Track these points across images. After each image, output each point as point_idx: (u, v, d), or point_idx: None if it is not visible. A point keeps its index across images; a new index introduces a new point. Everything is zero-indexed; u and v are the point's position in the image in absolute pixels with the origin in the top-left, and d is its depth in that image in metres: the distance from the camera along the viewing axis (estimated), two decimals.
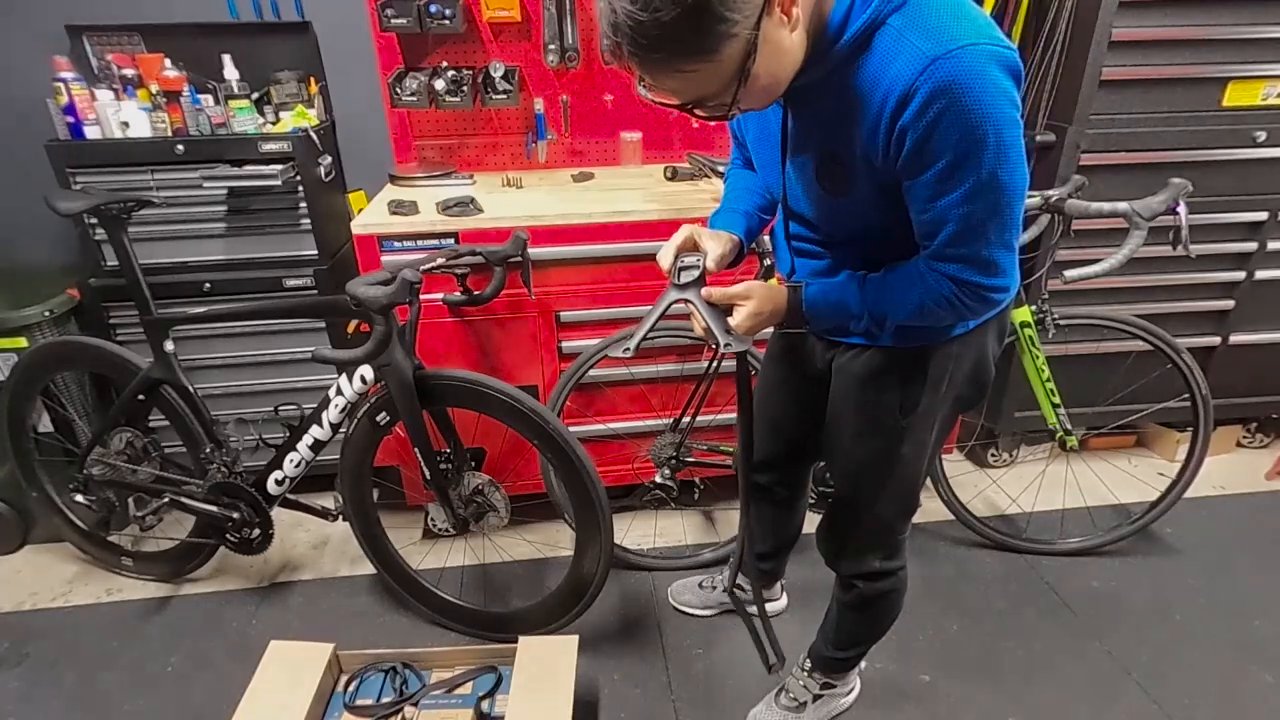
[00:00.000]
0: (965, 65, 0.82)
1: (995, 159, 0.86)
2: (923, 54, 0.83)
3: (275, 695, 1.48)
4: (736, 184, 1.32)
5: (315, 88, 2.17)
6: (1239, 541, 2.18)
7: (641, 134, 2.33)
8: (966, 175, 0.88)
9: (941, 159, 0.87)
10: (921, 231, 0.98)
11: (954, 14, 0.85)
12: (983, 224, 0.92)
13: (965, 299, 0.99)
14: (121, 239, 1.71)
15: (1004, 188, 0.89)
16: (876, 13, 0.86)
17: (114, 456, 1.90)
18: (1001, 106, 0.84)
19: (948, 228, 0.93)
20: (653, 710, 1.68)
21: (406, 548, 2.05)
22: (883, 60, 0.87)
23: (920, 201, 0.94)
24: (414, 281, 1.51)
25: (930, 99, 0.83)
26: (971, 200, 0.89)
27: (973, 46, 0.82)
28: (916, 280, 1.01)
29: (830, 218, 1.10)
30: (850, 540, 1.36)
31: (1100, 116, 2.02)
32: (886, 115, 0.88)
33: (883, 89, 0.88)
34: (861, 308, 1.05)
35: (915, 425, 1.21)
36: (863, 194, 1.00)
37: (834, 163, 0.99)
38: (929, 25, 0.84)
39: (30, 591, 2.05)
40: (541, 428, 1.60)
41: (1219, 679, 1.74)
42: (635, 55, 0.81)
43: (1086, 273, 1.75)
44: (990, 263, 0.96)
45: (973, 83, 0.82)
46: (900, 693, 1.71)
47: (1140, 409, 2.31)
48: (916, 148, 0.88)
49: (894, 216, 0.99)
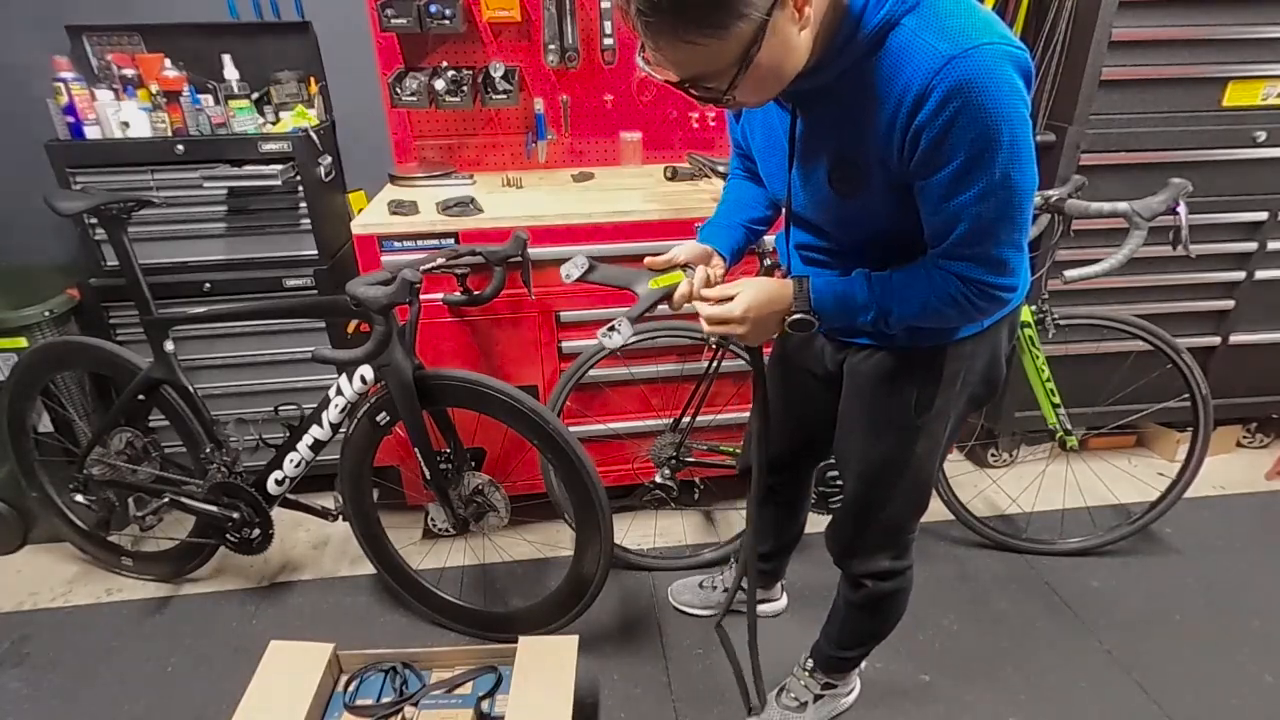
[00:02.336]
0: (981, 64, 0.82)
1: (1009, 159, 0.87)
2: (939, 53, 0.83)
3: (275, 695, 1.48)
4: (731, 196, 1.32)
5: (315, 88, 2.17)
6: (1239, 541, 2.18)
7: (641, 134, 2.33)
8: (980, 175, 0.88)
9: (956, 159, 0.87)
10: (932, 231, 0.98)
11: (968, 14, 0.85)
12: (994, 224, 0.92)
13: (974, 298, 0.99)
14: (121, 239, 1.71)
15: (1016, 188, 0.90)
16: (891, 13, 0.86)
17: (114, 456, 1.90)
18: (1015, 105, 0.85)
19: (960, 227, 0.93)
20: (653, 710, 1.68)
21: (406, 548, 2.05)
22: (897, 60, 0.87)
23: (933, 201, 0.94)
24: (414, 281, 1.51)
25: (946, 98, 0.83)
26: (984, 200, 0.90)
27: (988, 45, 0.82)
28: (923, 279, 1.01)
29: (840, 223, 1.10)
30: (862, 540, 1.36)
31: (1100, 116, 2.02)
32: (903, 115, 0.88)
33: (898, 88, 0.87)
34: (869, 299, 1.04)
35: (930, 424, 1.21)
36: (876, 196, 0.99)
37: (848, 165, 0.99)
38: (944, 25, 0.84)
39: (30, 591, 2.05)
40: (541, 428, 1.60)
41: (1219, 679, 1.74)
42: (644, 15, 0.80)
43: (1086, 273, 1.75)
44: (1001, 262, 0.96)
45: (988, 82, 0.82)
46: (900, 693, 1.71)
47: (1140, 409, 2.31)
48: (931, 147, 0.88)
49: (905, 220, 0.99)
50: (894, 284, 1.03)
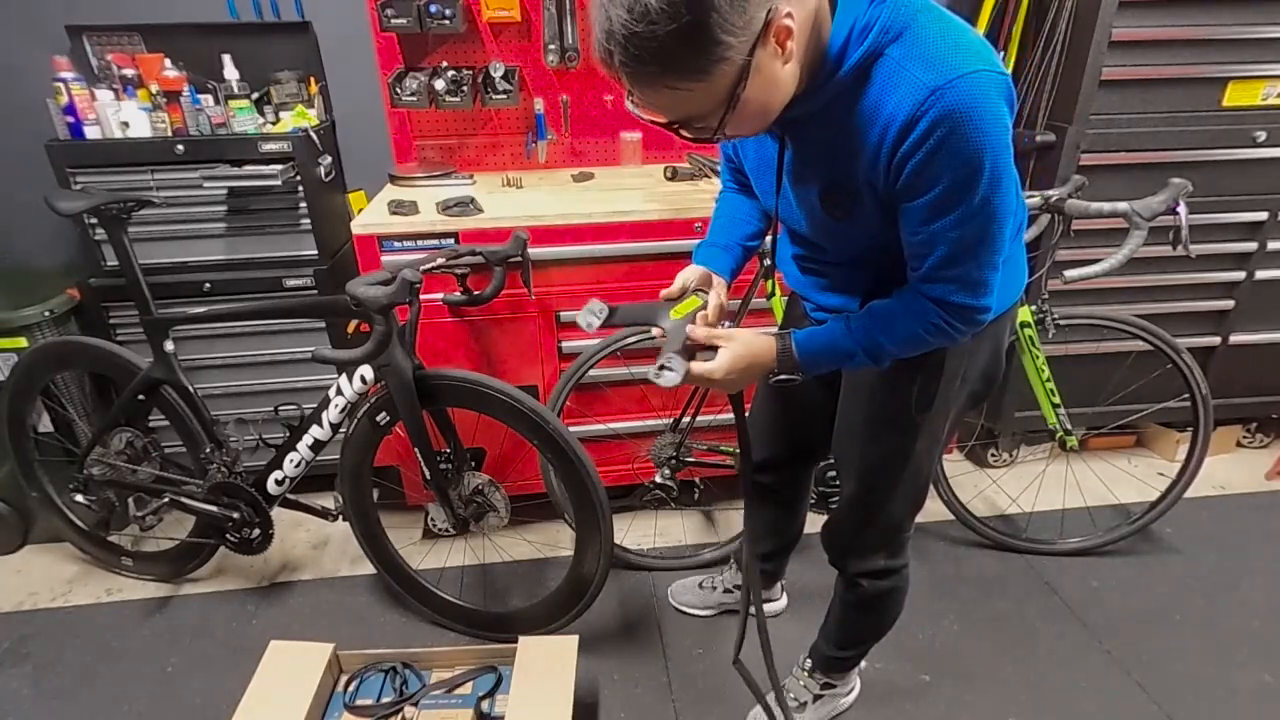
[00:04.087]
0: (965, 95, 0.83)
1: (989, 185, 0.88)
2: (923, 85, 0.83)
3: (275, 695, 1.48)
4: (724, 213, 1.32)
5: (315, 88, 2.17)
6: (1239, 541, 2.18)
7: (641, 134, 2.33)
8: (961, 201, 0.89)
9: (938, 185, 0.88)
10: (912, 252, 0.99)
11: (952, 42, 0.85)
12: (973, 247, 0.94)
13: (954, 321, 1.00)
14: (121, 239, 1.71)
15: (995, 213, 0.91)
16: (875, 44, 0.86)
17: (114, 456, 1.90)
18: (998, 134, 0.86)
19: (939, 250, 0.95)
20: (653, 710, 1.68)
21: (406, 548, 2.05)
22: (882, 91, 0.87)
23: (913, 224, 0.95)
24: (414, 281, 1.51)
25: (931, 128, 0.84)
26: (964, 224, 0.91)
27: (972, 75, 0.83)
28: (902, 311, 1.02)
29: (834, 239, 1.11)
30: (860, 539, 1.36)
31: (1100, 116, 2.02)
32: (888, 144, 0.89)
33: (883, 119, 0.88)
34: (854, 345, 1.05)
35: (930, 421, 1.21)
36: (868, 216, 1.00)
37: (839, 190, 1.00)
38: (928, 55, 0.84)
39: (30, 591, 2.05)
40: (541, 428, 1.60)
41: (1219, 679, 1.74)
42: (626, 66, 0.80)
43: (1086, 273, 1.75)
44: (979, 283, 0.98)
45: (971, 113, 0.83)
46: (900, 693, 1.71)
47: (1140, 409, 2.31)
48: (914, 173, 0.89)
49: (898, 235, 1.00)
50: (875, 321, 1.04)
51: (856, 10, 0.86)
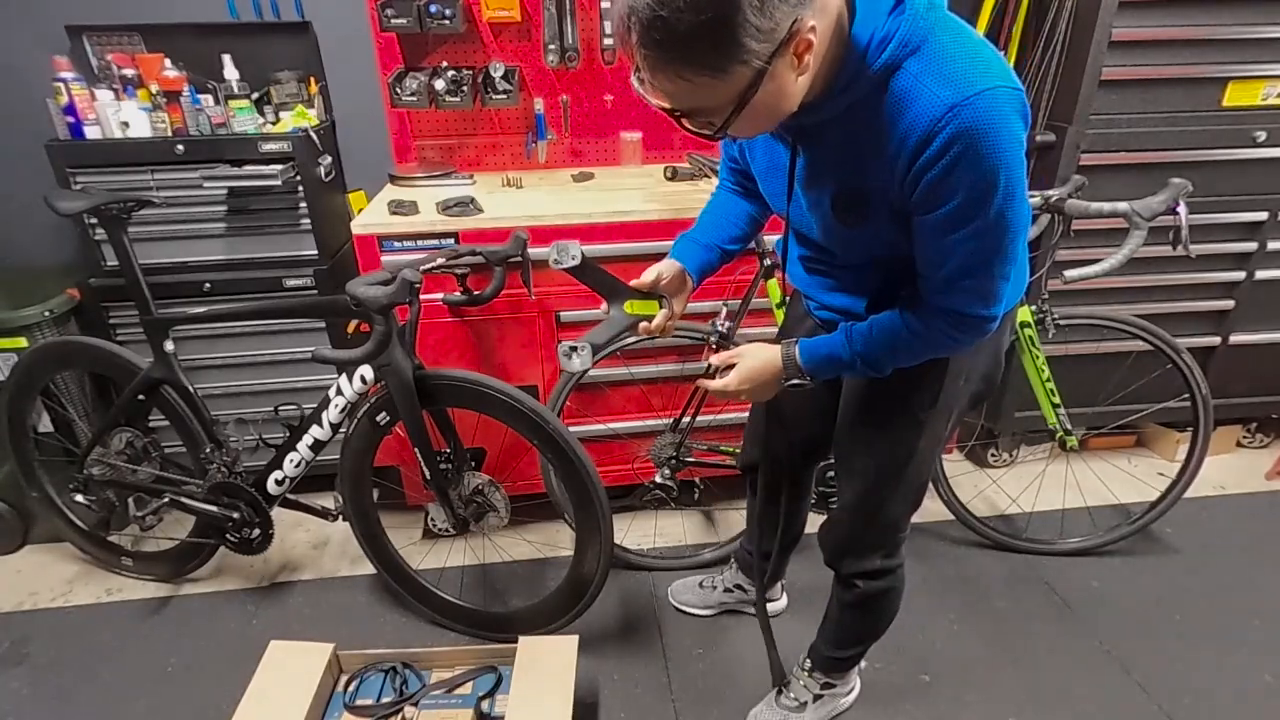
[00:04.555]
0: (983, 112, 0.83)
1: (1004, 200, 0.89)
2: (941, 101, 0.84)
3: (275, 695, 1.49)
4: (713, 210, 1.32)
5: (315, 88, 2.17)
6: (1239, 541, 2.18)
7: (641, 134, 2.33)
8: (976, 215, 0.90)
9: (954, 200, 0.89)
10: (925, 263, 1.00)
11: (970, 58, 0.85)
12: (987, 259, 0.95)
13: (965, 331, 1.02)
14: (121, 239, 1.71)
15: (1009, 227, 0.93)
16: (893, 57, 0.86)
17: (114, 456, 1.90)
18: (1014, 150, 0.87)
19: (953, 262, 0.96)
20: (653, 710, 1.68)
21: (406, 548, 2.04)
22: (899, 104, 0.87)
23: (927, 237, 0.96)
24: (414, 281, 1.51)
25: (948, 144, 0.85)
26: (978, 238, 0.92)
27: (989, 92, 0.83)
28: (902, 327, 1.04)
29: (844, 245, 1.12)
30: (858, 539, 1.36)
31: (1100, 116, 2.02)
32: (904, 159, 0.89)
33: (899, 133, 0.88)
34: (852, 357, 1.09)
35: (933, 420, 1.22)
36: (880, 223, 1.01)
37: (852, 197, 1.00)
38: (945, 71, 0.84)
39: (30, 591, 2.05)
40: (541, 428, 1.60)
41: (1218, 678, 1.74)
42: (643, 47, 0.79)
43: (1086, 273, 1.75)
44: (990, 294, 0.99)
45: (988, 129, 0.84)
46: (900, 693, 1.71)
47: (1140, 409, 2.31)
48: (930, 187, 0.89)
49: (909, 242, 1.01)
50: (874, 338, 1.07)
51: (876, 21, 0.85)
